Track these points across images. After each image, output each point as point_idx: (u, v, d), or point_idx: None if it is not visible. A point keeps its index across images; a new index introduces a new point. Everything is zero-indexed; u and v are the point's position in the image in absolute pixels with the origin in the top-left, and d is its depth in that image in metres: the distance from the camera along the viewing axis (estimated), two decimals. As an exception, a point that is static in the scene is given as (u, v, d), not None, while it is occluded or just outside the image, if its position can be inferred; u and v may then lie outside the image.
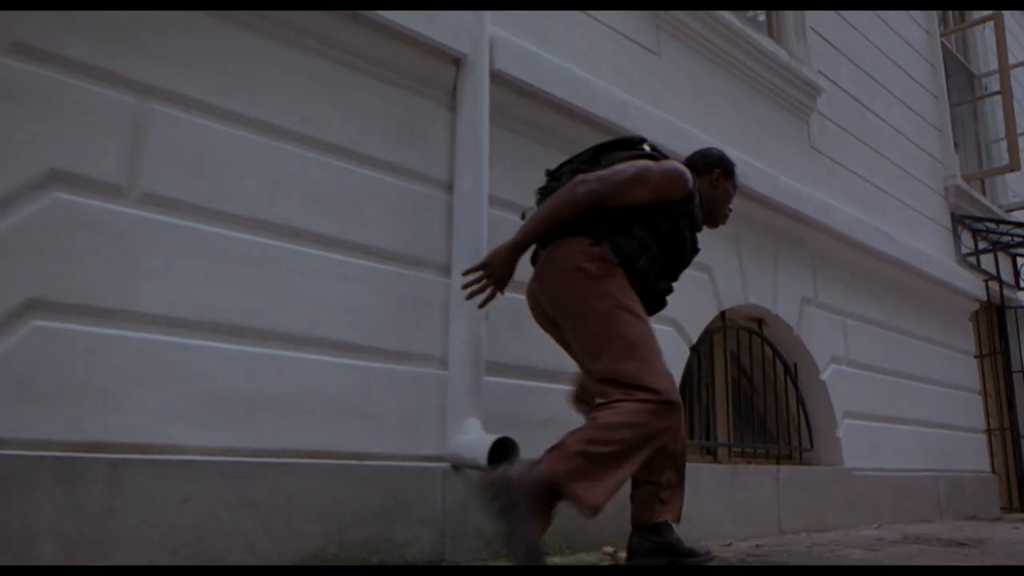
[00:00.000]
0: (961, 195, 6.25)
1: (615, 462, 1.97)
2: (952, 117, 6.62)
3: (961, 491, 5.39)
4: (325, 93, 2.43)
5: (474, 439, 2.39)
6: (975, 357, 6.05)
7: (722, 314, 3.86)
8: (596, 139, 3.15)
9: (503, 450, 2.34)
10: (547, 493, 1.93)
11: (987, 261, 6.34)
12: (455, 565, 2.40)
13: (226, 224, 2.15)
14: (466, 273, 2.21)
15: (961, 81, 7.35)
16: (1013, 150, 6.35)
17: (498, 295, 2.24)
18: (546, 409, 2.83)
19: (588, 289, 2.13)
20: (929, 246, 5.65)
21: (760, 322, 4.23)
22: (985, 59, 7.48)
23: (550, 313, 2.28)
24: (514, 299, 2.77)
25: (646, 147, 2.38)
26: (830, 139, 4.89)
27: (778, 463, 4.04)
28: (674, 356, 3.35)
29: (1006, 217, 6.69)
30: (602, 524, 2.84)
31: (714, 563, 2.38)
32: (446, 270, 2.61)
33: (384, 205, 2.52)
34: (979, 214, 6.38)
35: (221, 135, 2.18)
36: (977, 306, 6.11)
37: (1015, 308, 6.59)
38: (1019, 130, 6.72)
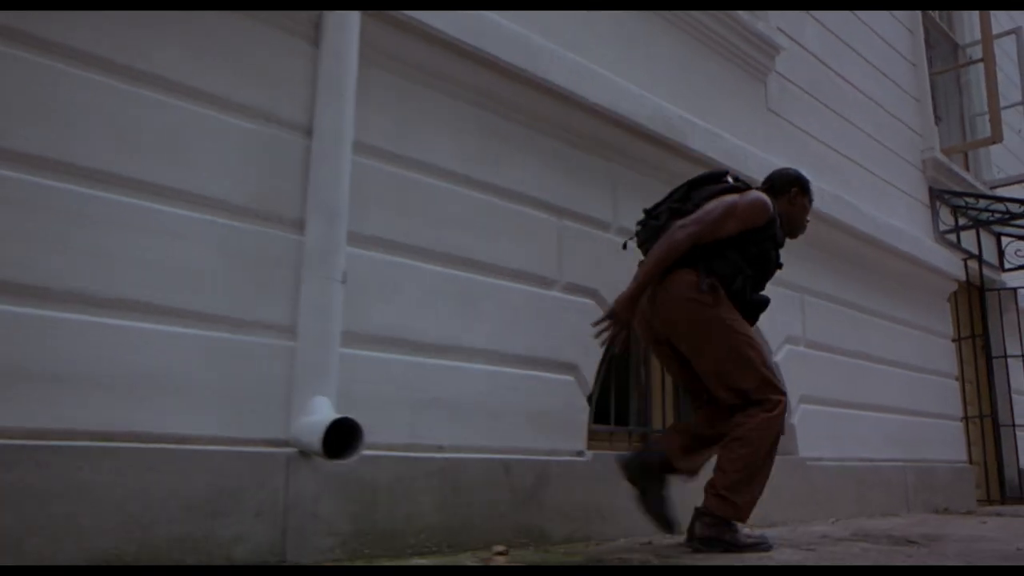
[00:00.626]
0: (940, 169, 5.87)
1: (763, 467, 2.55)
2: (934, 88, 6.24)
3: (932, 482, 5.03)
4: (150, 19, 2.07)
5: (318, 420, 2.04)
6: (952, 340, 5.68)
7: (658, 287, 3.50)
8: (497, 82, 2.82)
9: (345, 433, 1.99)
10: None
11: (968, 239, 5.96)
12: (297, 565, 2.06)
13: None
14: (596, 324, 2.53)
15: (945, 51, 6.96)
16: (995, 121, 5.95)
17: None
18: (428, 388, 2.48)
19: (704, 314, 2.49)
20: (904, 221, 5.27)
21: (705, 298, 3.86)
22: (971, 29, 7.07)
23: (662, 336, 2.63)
24: (380, 259, 2.42)
25: (729, 179, 2.66)
26: (791, 102, 4.51)
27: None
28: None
29: (989, 192, 6.29)
30: (490, 521, 2.51)
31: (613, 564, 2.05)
32: (299, 226, 2.26)
33: (224, 149, 2.16)
34: (960, 189, 6.00)
35: (-8, 54, 1.82)
36: (956, 286, 5.74)
37: (998, 290, 6.21)
38: (1004, 102, 6.31)
